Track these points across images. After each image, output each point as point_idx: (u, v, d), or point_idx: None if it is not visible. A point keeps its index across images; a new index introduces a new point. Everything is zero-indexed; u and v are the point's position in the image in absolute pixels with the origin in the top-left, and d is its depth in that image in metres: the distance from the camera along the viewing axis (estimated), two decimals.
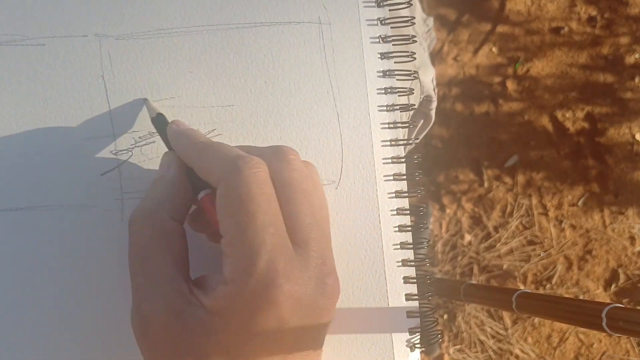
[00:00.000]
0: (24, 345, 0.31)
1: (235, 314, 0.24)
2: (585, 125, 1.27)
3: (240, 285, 0.24)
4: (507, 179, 1.26)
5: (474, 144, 1.26)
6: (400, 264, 0.33)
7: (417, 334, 0.34)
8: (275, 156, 0.27)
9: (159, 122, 0.30)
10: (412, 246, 0.34)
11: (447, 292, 0.70)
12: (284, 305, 0.24)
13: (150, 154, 0.32)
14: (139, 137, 0.32)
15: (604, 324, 0.43)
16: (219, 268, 0.25)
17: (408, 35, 0.33)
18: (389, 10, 0.33)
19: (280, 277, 0.24)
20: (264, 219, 0.24)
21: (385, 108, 0.33)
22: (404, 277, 0.33)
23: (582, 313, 0.46)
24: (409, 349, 0.34)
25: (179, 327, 0.25)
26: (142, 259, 0.26)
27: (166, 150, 0.30)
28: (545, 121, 1.27)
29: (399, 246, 0.33)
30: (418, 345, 0.34)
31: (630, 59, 1.28)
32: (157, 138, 0.32)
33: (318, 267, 0.26)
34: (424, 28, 0.57)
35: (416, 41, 0.33)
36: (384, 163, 0.33)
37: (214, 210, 0.26)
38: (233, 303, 0.24)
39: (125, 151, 0.32)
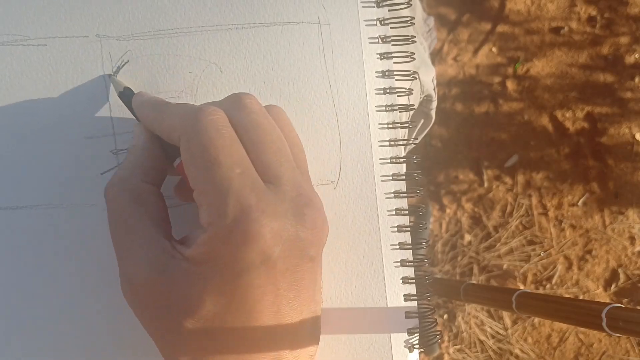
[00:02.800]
0: (24, 345, 0.31)
1: (217, 256, 0.24)
2: (585, 125, 1.27)
3: (217, 228, 0.24)
4: (507, 179, 1.26)
5: (474, 144, 1.26)
6: (399, 264, 0.33)
7: (416, 334, 0.34)
8: (232, 104, 0.27)
9: (126, 96, 0.30)
10: (411, 246, 0.34)
11: (447, 292, 0.70)
12: (264, 238, 0.24)
13: None
14: None
15: (604, 324, 0.43)
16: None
17: (408, 35, 0.33)
18: (389, 10, 0.33)
19: (254, 211, 0.24)
20: (228, 161, 0.24)
21: (384, 108, 0.33)
22: (403, 278, 0.34)
23: (582, 313, 0.46)
24: (407, 350, 0.34)
25: (164, 282, 0.25)
26: (120, 223, 0.27)
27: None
28: (545, 121, 1.27)
29: (397, 246, 0.33)
30: (417, 346, 0.34)
31: (630, 59, 1.28)
32: None
33: (293, 199, 0.25)
34: (424, 28, 0.57)
35: (415, 41, 0.33)
36: (383, 163, 0.33)
37: None
38: (214, 246, 0.24)
39: (125, 150, 0.32)
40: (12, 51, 0.31)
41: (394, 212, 0.33)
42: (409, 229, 0.34)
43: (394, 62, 0.33)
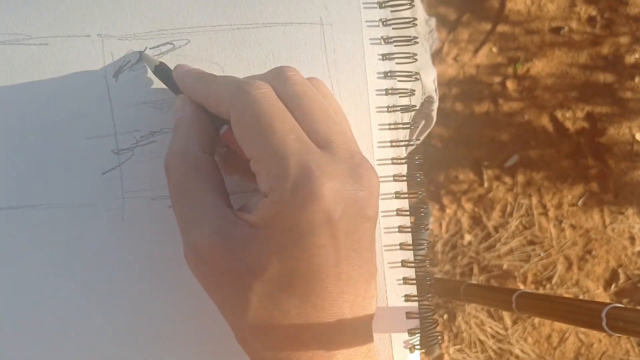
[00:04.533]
0: (24, 345, 0.31)
1: (281, 219, 0.24)
2: (585, 125, 1.27)
3: (280, 190, 0.24)
4: (507, 179, 1.26)
5: (474, 143, 1.26)
6: (399, 264, 0.33)
7: (417, 335, 0.34)
8: (275, 77, 0.27)
9: (162, 70, 0.31)
10: (411, 247, 0.34)
11: (447, 292, 0.70)
12: (326, 197, 0.24)
13: (152, 153, 0.32)
14: (141, 137, 0.32)
15: (604, 324, 0.43)
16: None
17: (410, 36, 0.33)
18: (391, 11, 0.33)
19: (315, 172, 0.24)
20: (282, 128, 0.25)
21: (386, 109, 0.33)
22: (404, 278, 0.34)
23: (582, 313, 0.46)
24: (408, 350, 0.34)
25: (230, 247, 0.25)
26: (182, 194, 0.27)
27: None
28: (545, 121, 1.27)
29: (398, 247, 0.33)
30: (417, 347, 0.34)
31: (630, 59, 1.28)
32: (159, 137, 0.32)
33: (347, 161, 0.26)
34: (426, 29, 0.57)
35: (418, 42, 0.33)
36: (384, 164, 0.33)
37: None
38: (277, 209, 0.24)
39: (126, 150, 0.32)
40: (13, 50, 0.31)
41: (394, 213, 0.33)
42: (409, 229, 0.34)
43: (396, 63, 0.33)
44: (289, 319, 0.25)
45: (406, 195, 0.33)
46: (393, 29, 0.33)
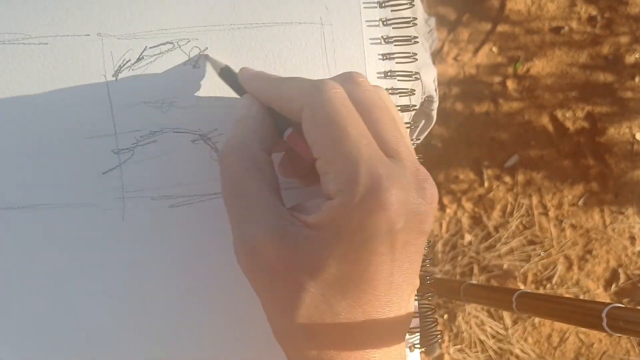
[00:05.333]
0: (24, 345, 0.31)
1: (346, 223, 0.24)
2: (586, 124, 1.27)
3: (348, 194, 0.24)
4: (507, 179, 1.26)
5: (474, 143, 1.26)
6: None
7: (417, 334, 0.34)
8: (346, 80, 0.27)
9: (228, 73, 0.31)
10: None
11: (447, 292, 0.70)
12: (393, 208, 0.24)
13: (152, 153, 0.32)
14: (141, 136, 0.32)
15: (604, 323, 0.43)
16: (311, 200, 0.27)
17: (410, 36, 0.33)
18: (391, 11, 0.33)
19: (385, 181, 0.24)
20: (355, 132, 0.25)
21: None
22: None
23: (583, 313, 0.46)
24: (408, 349, 0.34)
25: (287, 246, 0.25)
26: (238, 189, 0.27)
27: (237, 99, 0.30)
28: (545, 121, 1.27)
29: None
30: (417, 346, 0.34)
31: (630, 59, 1.28)
32: (159, 137, 0.32)
33: (414, 173, 0.26)
34: (425, 28, 0.57)
35: (418, 42, 0.33)
36: None
37: (303, 142, 0.27)
38: (343, 212, 0.24)
39: (126, 150, 0.32)
40: (13, 50, 0.31)
41: None
42: None
43: (396, 63, 0.33)
44: (339, 321, 0.25)
45: None
46: (393, 28, 0.33)
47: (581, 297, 1.24)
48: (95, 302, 0.32)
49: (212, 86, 0.32)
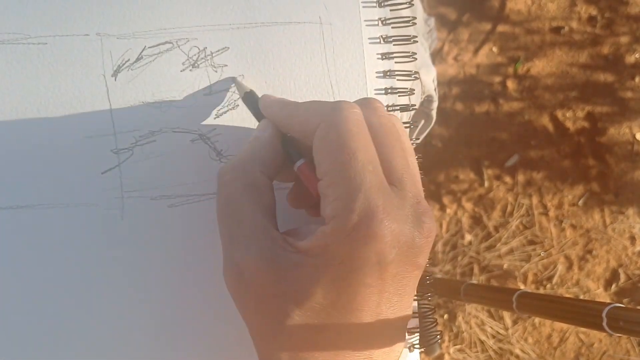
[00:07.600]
0: (24, 345, 0.31)
1: (335, 251, 0.24)
2: (586, 124, 1.27)
3: (342, 221, 0.24)
4: (508, 179, 1.26)
5: (474, 143, 1.26)
6: None
7: (416, 334, 0.34)
8: (363, 105, 0.27)
9: (250, 98, 0.31)
10: None
11: (448, 292, 0.70)
12: (385, 240, 0.24)
13: (151, 153, 0.32)
14: (140, 136, 0.32)
15: (604, 323, 0.43)
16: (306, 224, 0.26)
17: (409, 35, 0.33)
18: (390, 10, 0.33)
19: (380, 212, 0.24)
20: (364, 157, 0.25)
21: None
22: None
23: (583, 313, 0.46)
24: (407, 350, 0.34)
25: (275, 272, 0.25)
26: (233, 209, 0.27)
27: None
28: (545, 121, 1.27)
29: None
30: (417, 346, 0.34)
31: (630, 59, 1.28)
32: (158, 136, 0.32)
33: (414, 206, 0.26)
34: (425, 28, 0.57)
35: (417, 41, 0.33)
36: None
37: (312, 176, 0.27)
38: (334, 239, 0.24)
39: (126, 150, 0.32)
40: (12, 50, 0.31)
41: None
42: None
43: (395, 62, 0.33)
44: (321, 350, 0.25)
45: None
46: (392, 28, 0.33)
47: (581, 297, 1.24)
48: (94, 301, 0.32)
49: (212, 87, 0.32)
